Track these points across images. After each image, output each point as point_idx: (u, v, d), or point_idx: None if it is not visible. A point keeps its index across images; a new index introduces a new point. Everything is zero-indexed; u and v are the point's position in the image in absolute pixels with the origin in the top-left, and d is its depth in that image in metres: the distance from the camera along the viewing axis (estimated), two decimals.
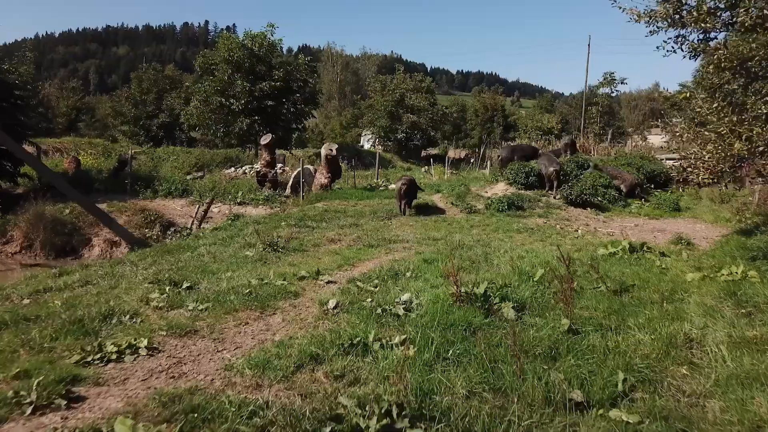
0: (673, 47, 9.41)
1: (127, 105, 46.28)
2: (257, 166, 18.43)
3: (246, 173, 22.57)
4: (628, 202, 16.48)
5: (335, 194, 16.07)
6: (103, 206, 15.11)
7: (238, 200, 15.92)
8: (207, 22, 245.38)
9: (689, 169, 8.79)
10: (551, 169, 14.95)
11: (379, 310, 4.72)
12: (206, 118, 34.90)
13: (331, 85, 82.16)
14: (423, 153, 48.43)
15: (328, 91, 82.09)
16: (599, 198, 15.38)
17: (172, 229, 14.15)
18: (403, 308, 4.75)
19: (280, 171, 23.68)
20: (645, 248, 8.57)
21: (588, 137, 38.05)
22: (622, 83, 36.22)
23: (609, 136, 38.42)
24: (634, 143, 39.93)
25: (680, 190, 20.30)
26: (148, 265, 7.68)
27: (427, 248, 8.85)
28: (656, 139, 43.19)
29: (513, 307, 4.98)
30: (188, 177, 21.20)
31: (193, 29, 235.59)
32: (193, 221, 13.93)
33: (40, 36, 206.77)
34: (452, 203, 14.98)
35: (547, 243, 10.00)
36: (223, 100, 34.43)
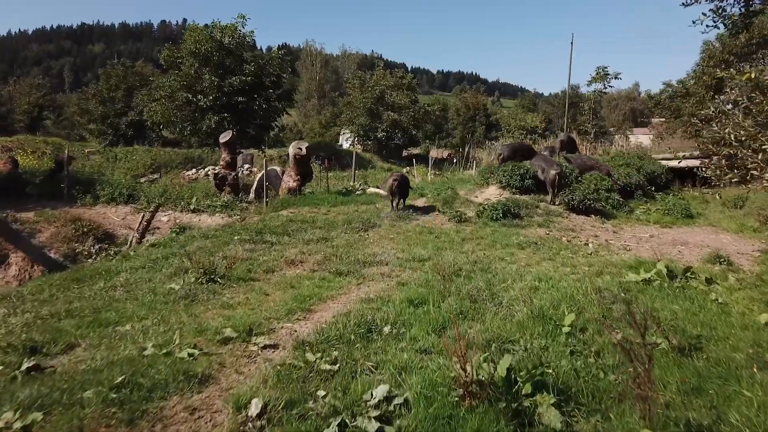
0: (714, 21, 7.70)
1: (94, 102, 43.48)
2: (218, 167, 16.25)
3: (208, 175, 20.32)
4: (631, 206, 14.79)
5: (305, 200, 14.02)
6: (30, 215, 12.86)
7: (192, 207, 13.76)
8: (185, 20, 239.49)
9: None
10: (552, 172, 13.11)
11: (334, 425, 2.73)
12: (171, 116, 32.40)
13: (310, 84, 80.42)
14: (404, 153, 46.51)
15: (307, 90, 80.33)
16: (602, 203, 13.64)
17: (108, 242, 11.96)
18: (376, 417, 2.78)
19: (247, 173, 21.53)
20: (689, 274, 6.73)
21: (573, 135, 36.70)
22: (616, 78, 34.58)
23: (592, 136, 37.07)
24: (621, 143, 38.69)
25: (681, 192, 18.77)
26: (29, 308, 5.57)
27: (412, 274, 6.90)
28: (637, 139, 42.06)
29: (555, 403, 3.04)
30: (142, 180, 18.94)
31: (171, 27, 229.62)
32: (133, 234, 11.76)
33: (13, 33, 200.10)
34: (439, 210, 13.06)
35: (557, 262, 8.14)
36: (190, 95, 32.00)
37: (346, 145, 47.33)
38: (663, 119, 46.43)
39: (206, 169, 20.51)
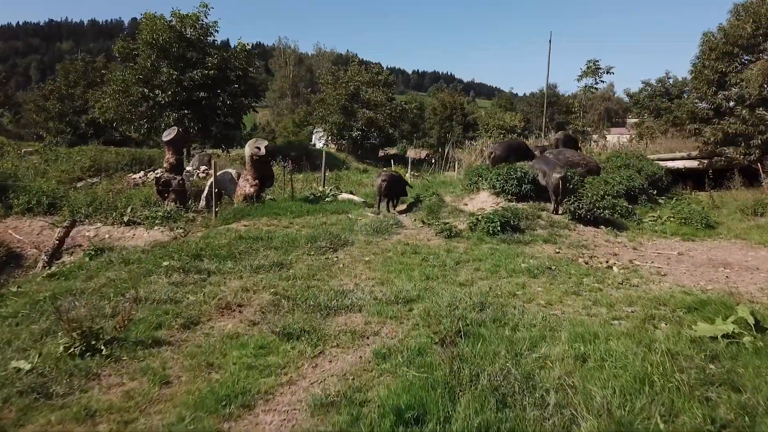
0: None
1: (51, 99, 40.30)
2: (159, 170, 13.79)
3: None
4: (638, 214, 12.98)
5: (264, 209, 11.76)
6: None
7: (126, 219, 11.35)
8: None
9: None
10: (556, 176, 11.14)
11: None
12: (126, 112, 29.57)
13: (283, 82, 78.24)
14: (381, 153, 44.43)
15: (280, 88, 78.27)
16: (609, 211, 11.73)
17: (14, 264, 9.54)
18: None
19: (203, 175, 19.11)
20: None
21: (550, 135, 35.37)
22: (608, 73, 33.01)
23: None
24: (603, 142, 37.39)
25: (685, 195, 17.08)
26: None
27: (396, 331, 4.78)
28: (620, 138, 40.95)
29: None
30: (79, 184, 16.36)
31: None
32: (41, 256, 9.35)
33: None
34: (423, 221, 10.98)
35: (586, 299, 6.13)
36: (146, 90, 29.25)
37: (319, 145, 44.90)
38: (636, 120, 45.58)
39: (157, 171, 17.97)
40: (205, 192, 13.05)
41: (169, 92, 29.07)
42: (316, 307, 5.29)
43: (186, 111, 29.59)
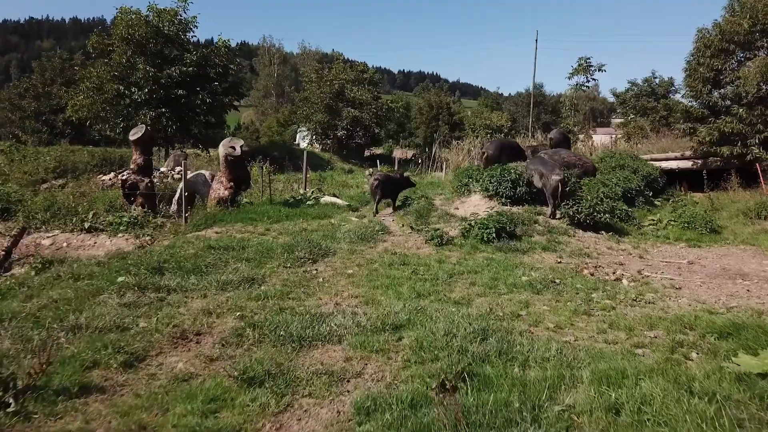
0: None
1: (27, 98, 38.81)
2: (126, 172, 12.71)
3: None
4: (636, 218, 12.34)
5: (239, 213, 10.86)
6: None
7: (87, 225, 10.35)
8: None
9: None
10: (555, 178, 10.38)
11: None
12: (100, 110, 28.31)
13: (268, 81, 77.05)
14: (366, 152, 43.55)
15: (265, 87, 77.24)
16: (608, 215, 11.02)
17: None
18: None
19: (178, 176, 18.06)
20: None
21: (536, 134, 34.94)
22: (600, 70, 32.50)
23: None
24: (591, 142, 36.99)
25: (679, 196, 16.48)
26: None
27: (385, 368, 3.96)
28: (611, 138, 40.67)
29: None
30: (44, 186, 15.27)
31: None
32: None
33: None
34: (411, 226, 10.18)
35: (599, 320, 5.38)
36: (122, 87, 28.03)
37: (303, 144, 43.86)
38: (621, 120, 45.35)
39: (122, 174, 16.88)
40: (177, 195, 12.09)
41: (146, 90, 27.93)
42: (287, 338, 4.43)
43: (164, 109, 28.45)
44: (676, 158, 20.03)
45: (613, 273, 7.55)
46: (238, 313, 5.24)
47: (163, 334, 4.72)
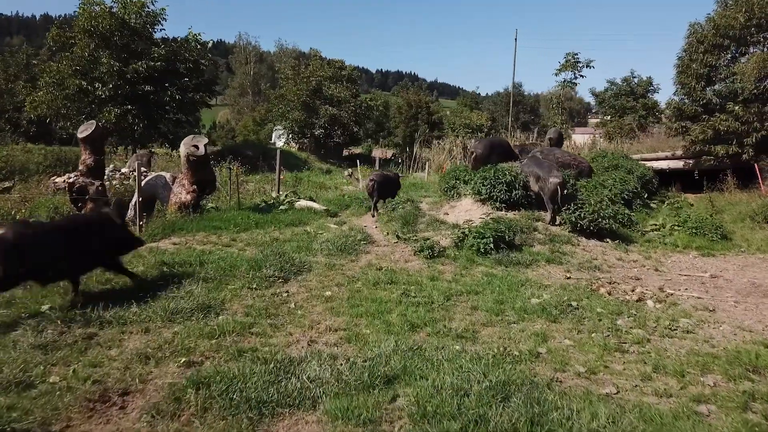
0: None
1: None
2: (73, 175, 11.25)
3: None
4: (638, 222, 11.47)
5: (202, 220, 9.59)
6: None
7: None
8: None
9: None
10: (554, 180, 9.36)
11: None
12: (61, 107, 26.50)
13: (244, 79, 75.40)
14: (345, 152, 42.31)
15: (241, 86, 75.55)
16: (612, 221, 10.07)
17: None
18: None
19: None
20: None
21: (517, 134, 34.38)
22: (588, 66, 31.88)
23: (535, 134, 34.66)
24: (572, 142, 36.49)
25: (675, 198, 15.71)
26: None
27: None
28: (594, 137, 40.24)
29: None
30: None
31: None
32: None
33: None
34: (397, 235, 9.06)
35: (639, 360, 4.37)
36: (84, 83, 26.25)
37: (279, 144, 42.36)
38: (598, 119, 45.09)
39: (69, 176, 15.36)
40: (134, 199, 10.74)
41: (111, 85, 26.18)
42: (242, 404, 3.27)
43: (130, 106, 26.74)
44: (666, 158, 19.36)
45: (633, 291, 6.56)
46: (183, 359, 4.05)
47: (77, 396, 3.51)
